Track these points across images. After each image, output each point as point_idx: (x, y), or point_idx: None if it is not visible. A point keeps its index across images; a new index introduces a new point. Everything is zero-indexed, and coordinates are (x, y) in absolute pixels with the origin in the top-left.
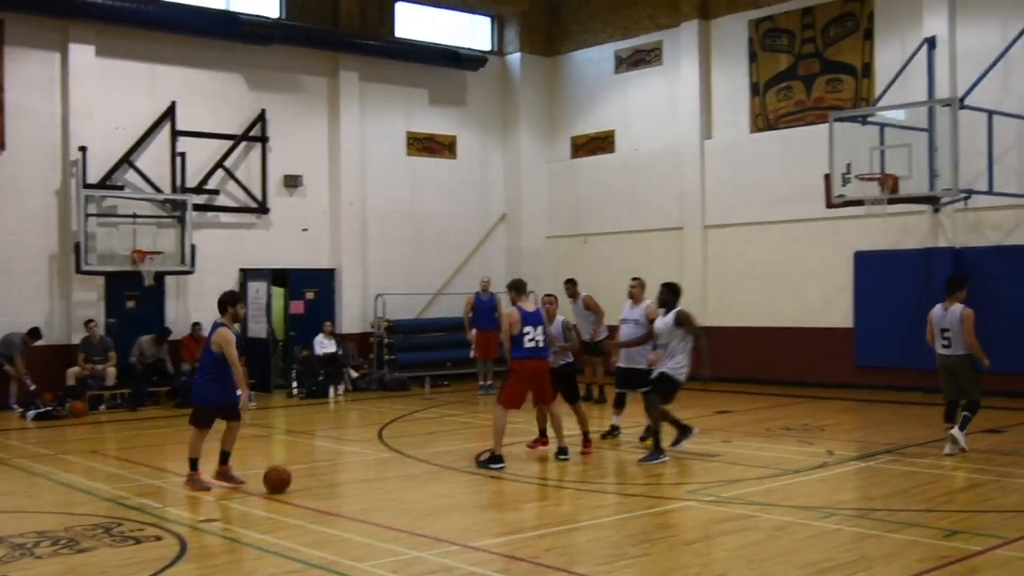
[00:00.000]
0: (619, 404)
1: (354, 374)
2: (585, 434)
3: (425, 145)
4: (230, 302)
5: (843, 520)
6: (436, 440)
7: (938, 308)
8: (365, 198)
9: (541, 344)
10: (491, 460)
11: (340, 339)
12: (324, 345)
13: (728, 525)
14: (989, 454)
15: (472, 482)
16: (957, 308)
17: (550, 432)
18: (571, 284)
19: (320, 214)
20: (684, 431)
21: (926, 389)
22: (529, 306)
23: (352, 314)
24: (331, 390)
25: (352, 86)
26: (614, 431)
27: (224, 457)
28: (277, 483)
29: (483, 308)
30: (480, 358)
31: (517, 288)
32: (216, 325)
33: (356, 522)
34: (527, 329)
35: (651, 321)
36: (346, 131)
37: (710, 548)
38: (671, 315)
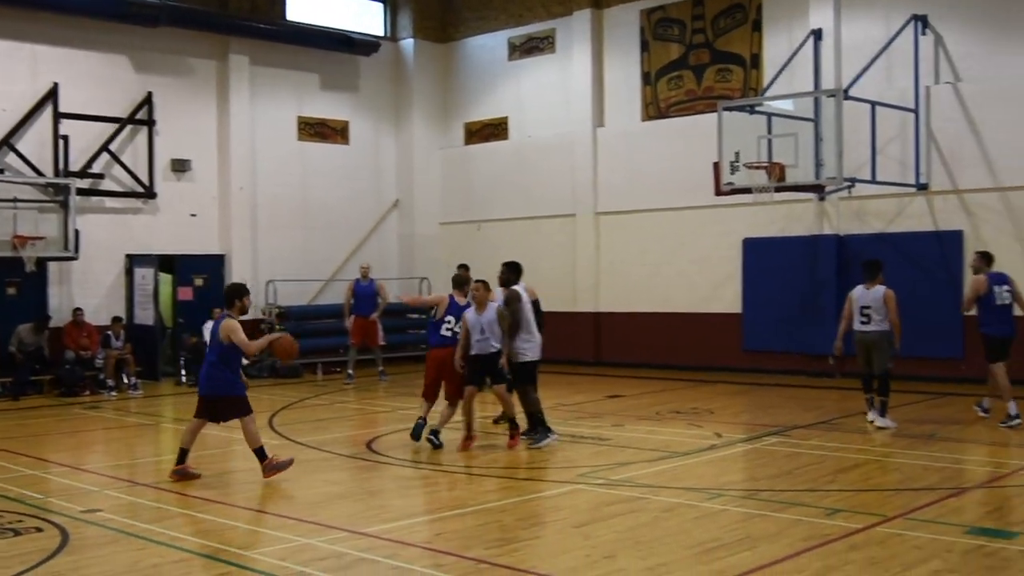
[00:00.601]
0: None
1: (245, 361)
2: (511, 420)
3: (317, 130)
4: (238, 295)
5: (730, 501)
6: (327, 427)
7: (859, 288)
8: (256, 183)
9: (455, 334)
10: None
11: None
12: None
13: (617, 507)
14: (871, 435)
15: (363, 469)
16: (880, 288)
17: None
18: (463, 268)
19: (209, 199)
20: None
21: (811, 372)
22: (461, 300)
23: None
24: None
25: (242, 70)
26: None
27: (260, 454)
28: (286, 352)
29: (363, 294)
30: (356, 345)
31: (456, 283)
32: (222, 316)
33: (244, 510)
34: (448, 318)
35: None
36: (236, 115)
37: (599, 530)
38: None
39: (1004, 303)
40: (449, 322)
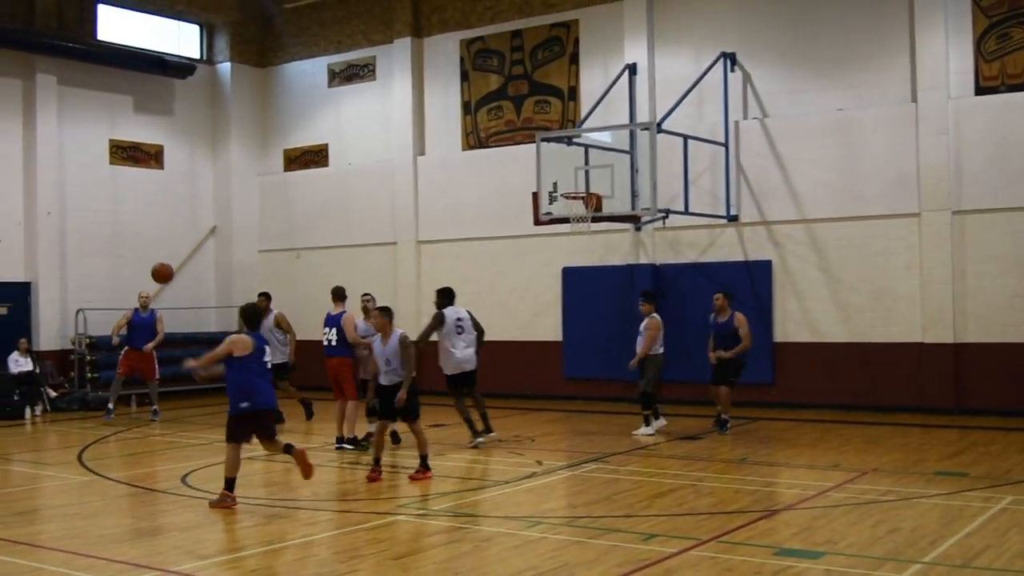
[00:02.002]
0: (372, 413)
1: (52, 394)
2: (423, 457)
3: (130, 154)
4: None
5: (548, 528)
6: (140, 461)
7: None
8: (64, 208)
9: (333, 343)
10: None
11: (37, 356)
12: (19, 363)
13: (437, 538)
14: (686, 460)
15: (176, 504)
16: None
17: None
18: (263, 298)
19: (13, 224)
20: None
21: (630, 399)
22: (335, 310)
23: (50, 330)
24: (27, 411)
25: (49, 90)
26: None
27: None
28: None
29: (140, 325)
30: (122, 375)
31: (335, 295)
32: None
33: (50, 551)
34: (324, 329)
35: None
36: (43, 137)
37: (418, 561)
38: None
39: None
40: (325, 332)
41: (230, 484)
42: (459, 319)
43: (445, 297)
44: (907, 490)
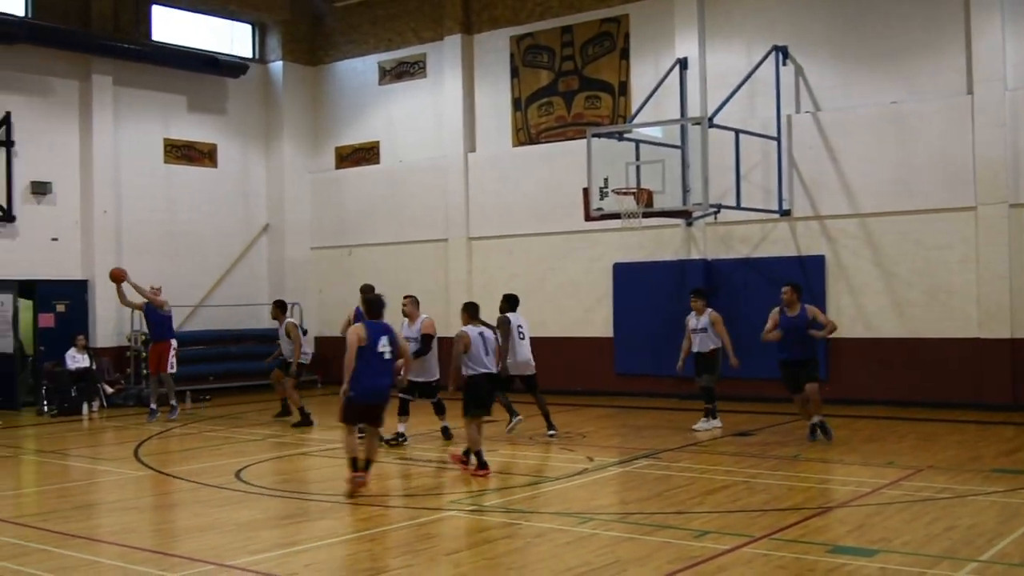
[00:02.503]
0: (403, 411)
1: (109, 390)
2: (474, 452)
3: (184, 153)
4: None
5: (600, 525)
6: (195, 457)
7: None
8: (120, 207)
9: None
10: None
11: (94, 353)
12: (76, 360)
13: (489, 534)
14: (738, 456)
15: (231, 499)
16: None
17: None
18: (277, 307)
19: (71, 223)
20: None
21: (681, 395)
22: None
23: (107, 327)
24: (85, 407)
25: (105, 90)
26: (399, 437)
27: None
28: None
29: (152, 318)
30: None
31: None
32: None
33: (107, 544)
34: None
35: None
36: (99, 137)
37: (471, 557)
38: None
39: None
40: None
41: (354, 464)
42: (520, 325)
43: (510, 303)
44: (963, 487)
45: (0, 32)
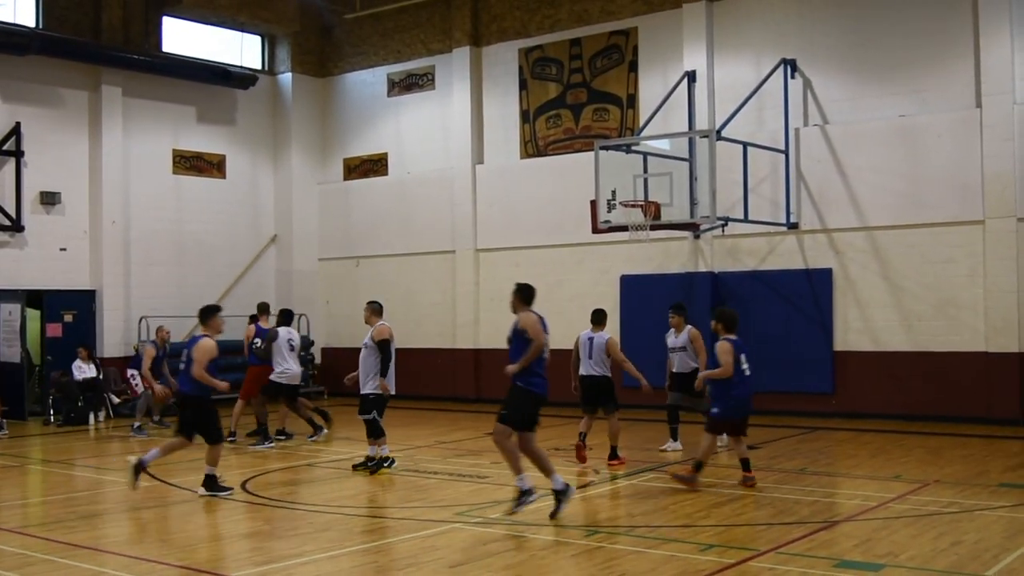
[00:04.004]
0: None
1: (116, 400)
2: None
3: (193, 164)
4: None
5: (606, 538)
6: (200, 467)
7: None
8: (129, 217)
9: None
10: None
11: (101, 363)
12: (83, 370)
13: (495, 546)
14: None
15: (236, 509)
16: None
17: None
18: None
19: (80, 233)
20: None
21: (687, 407)
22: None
23: (114, 337)
24: (91, 417)
25: (115, 101)
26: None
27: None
28: None
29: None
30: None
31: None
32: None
33: (112, 555)
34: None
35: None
36: (108, 148)
37: (475, 570)
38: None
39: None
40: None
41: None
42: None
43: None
44: (970, 502)
45: (11, 43)
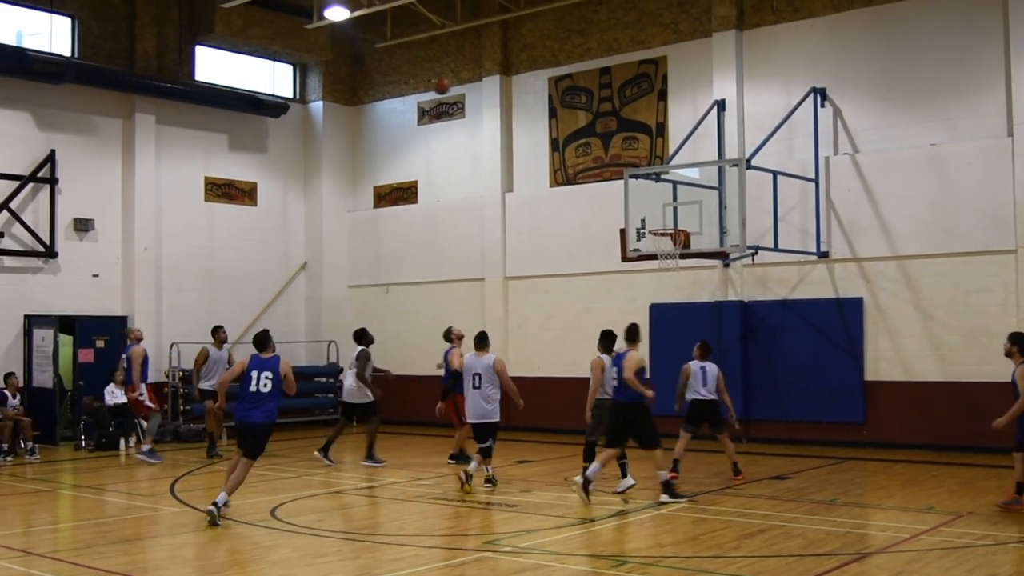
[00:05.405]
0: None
1: (146, 425)
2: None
3: (224, 191)
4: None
5: (635, 568)
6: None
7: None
8: (161, 244)
9: None
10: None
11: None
12: (115, 395)
13: (524, 575)
14: (775, 500)
15: (266, 536)
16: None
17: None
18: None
19: (112, 259)
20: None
21: (716, 437)
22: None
23: None
24: (122, 442)
25: (148, 129)
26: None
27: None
28: None
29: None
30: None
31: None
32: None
33: None
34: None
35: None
36: (141, 175)
37: None
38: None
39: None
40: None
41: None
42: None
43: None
44: (1004, 534)
45: (48, 72)
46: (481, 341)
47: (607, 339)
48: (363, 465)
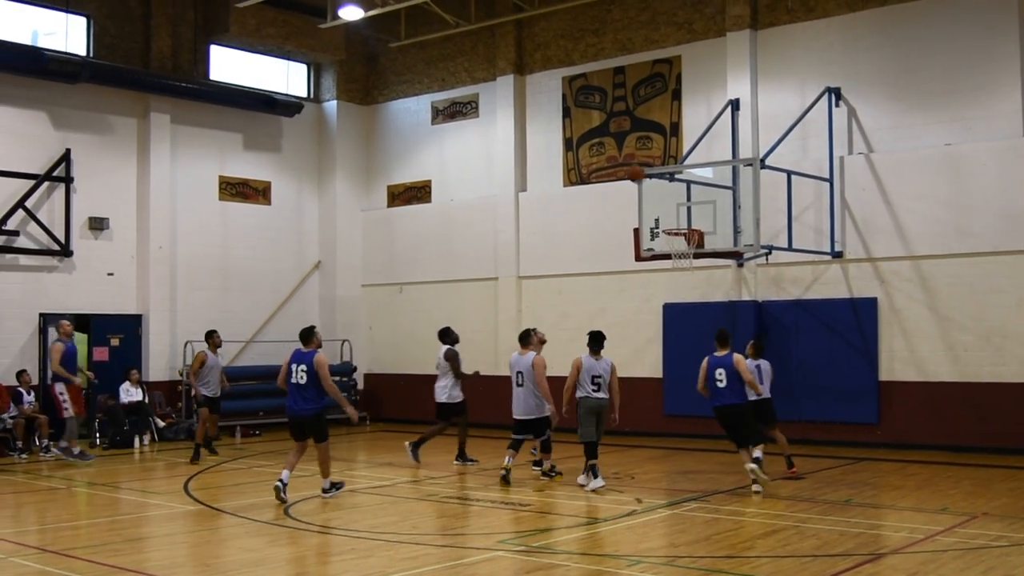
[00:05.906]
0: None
1: (161, 423)
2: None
3: (239, 190)
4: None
5: (648, 568)
6: (244, 492)
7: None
8: (175, 243)
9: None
10: None
11: (146, 387)
12: (130, 393)
13: (536, 575)
14: (788, 500)
15: (281, 535)
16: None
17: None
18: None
19: (127, 258)
20: None
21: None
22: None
23: (160, 362)
24: (136, 440)
25: (163, 128)
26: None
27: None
28: None
29: (69, 356)
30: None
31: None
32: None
33: None
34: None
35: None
36: (156, 174)
37: None
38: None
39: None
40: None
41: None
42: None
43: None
44: (1019, 535)
45: (63, 71)
46: (523, 339)
47: (596, 340)
48: (454, 465)
